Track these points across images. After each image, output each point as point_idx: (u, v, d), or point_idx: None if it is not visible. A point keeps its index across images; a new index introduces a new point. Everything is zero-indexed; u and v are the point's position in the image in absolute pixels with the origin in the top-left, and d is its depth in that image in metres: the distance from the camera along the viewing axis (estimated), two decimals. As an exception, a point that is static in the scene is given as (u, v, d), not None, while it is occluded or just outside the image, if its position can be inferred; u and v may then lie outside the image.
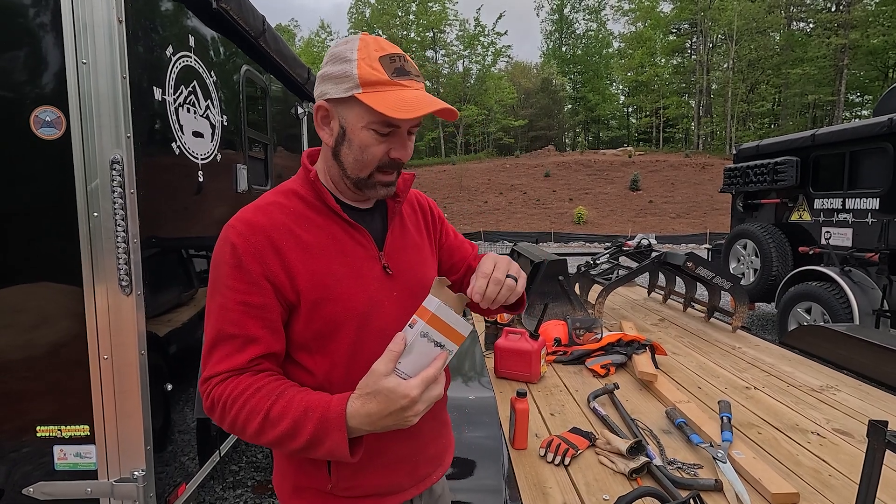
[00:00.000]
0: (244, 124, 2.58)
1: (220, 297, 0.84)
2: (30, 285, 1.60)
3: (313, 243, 0.88)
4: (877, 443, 1.29)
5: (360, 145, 0.87)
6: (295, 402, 0.78)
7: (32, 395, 1.63)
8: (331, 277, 0.88)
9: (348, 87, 0.83)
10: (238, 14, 2.25)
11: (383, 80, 0.82)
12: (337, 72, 0.85)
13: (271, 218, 0.87)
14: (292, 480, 0.95)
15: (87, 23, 1.50)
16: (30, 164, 1.55)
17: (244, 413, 0.79)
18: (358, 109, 0.84)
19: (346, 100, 0.85)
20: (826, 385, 2.72)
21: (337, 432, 0.75)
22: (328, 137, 0.90)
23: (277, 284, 0.85)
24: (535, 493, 1.71)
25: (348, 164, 0.89)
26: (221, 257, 0.85)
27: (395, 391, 0.74)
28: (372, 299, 0.91)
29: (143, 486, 1.64)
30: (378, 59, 0.83)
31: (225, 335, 0.84)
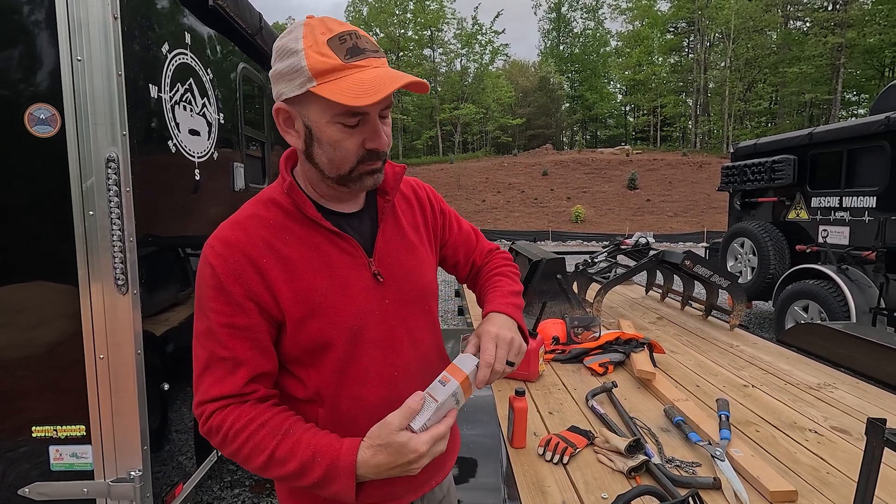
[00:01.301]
0: (241, 122, 2.56)
1: (206, 319, 0.82)
2: (25, 284, 1.59)
3: (294, 258, 0.84)
4: (875, 440, 1.29)
5: (331, 142, 0.80)
6: (303, 444, 0.77)
7: (28, 394, 1.62)
8: (315, 292, 0.84)
9: (301, 81, 0.76)
10: (234, 11, 2.24)
11: (336, 65, 0.74)
12: (286, 67, 0.77)
13: (249, 234, 0.83)
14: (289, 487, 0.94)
15: (82, 19, 1.49)
16: (24, 163, 1.54)
17: (248, 448, 0.78)
18: (318, 104, 0.78)
19: (302, 97, 0.78)
20: (824, 383, 2.73)
21: (345, 479, 0.75)
22: (296, 140, 0.84)
23: (261, 303, 0.82)
24: (533, 491, 1.70)
25: (324, 164, 0.83)
26: (203, 279, 0.83)
27: (406, 446, 0.74)
28: (361, 311, 0.88)
29: (139, 486, 1.63)
30: (326, 43, 0.75)
31: (215, 358, 0.81)
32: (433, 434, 0.76)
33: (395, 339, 0.92)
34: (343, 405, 0.88)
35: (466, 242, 1.17)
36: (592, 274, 4.51)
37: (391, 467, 0.75)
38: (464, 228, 1.18)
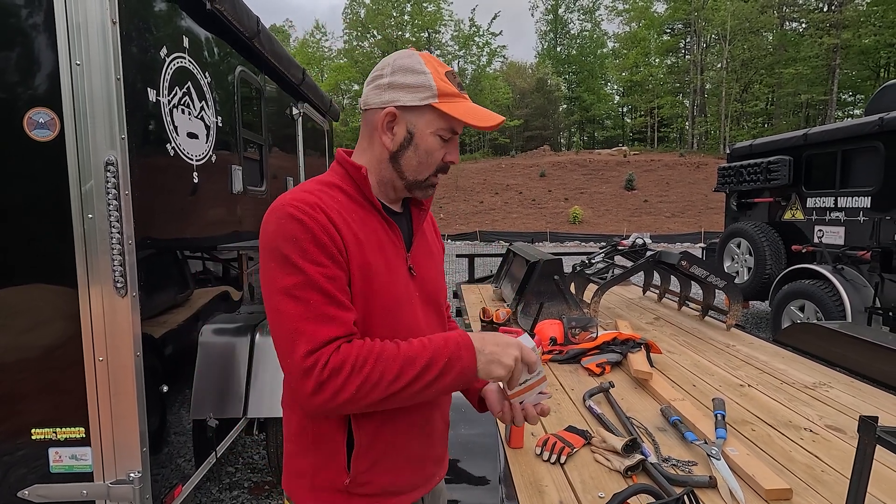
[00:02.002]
0: (239, 125, 2.58)
1: (300, 271, 0.83)
2: (25, 287, 1.60)
3: (359, 232, 0.92)
4: (867, 438, 1.31)
5: (426, 150, 0.94)
6: (423, 343, 0.87)
7: (27, 397, 1.63)
8: (372, 269, 0.91)
9: (425, 96, 0.91)
10: (232, 15, 2.25)
11: (454, 92, 0.92)
12: (412, 82, 0.91)
13: (324, 201, 0.90)
14: (310, 480, 0.96)
15: (81, 24, 1.50)
16: (23, 166, 1.55)
17: (379, 367, 0.82)
18: (429, 116, 0.93)
19: (418, 108, 0.92)
20: (819, 382, 2.74)
21: (469, 351, 0.87)
22: (389, 142, 0.95)
23: (343, 260, 0.88)
24: (531, 491, 1.71)
25: (410, 167, 0.96)
26: (289, 234, 0.84)
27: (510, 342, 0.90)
28: (401, 295, 0.96)
29: (139, 487, 1.64)
30: (445, 74, 0.93)
31: (318, 304, 0.83)
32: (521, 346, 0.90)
33: (419, 329, 0.99)
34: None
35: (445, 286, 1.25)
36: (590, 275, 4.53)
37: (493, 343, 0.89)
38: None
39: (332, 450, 0.94)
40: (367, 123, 0.98)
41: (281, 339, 0.84)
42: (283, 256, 0.84)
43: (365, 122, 0.98)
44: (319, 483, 0.95)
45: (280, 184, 3.37)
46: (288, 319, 0.83)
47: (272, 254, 0.85)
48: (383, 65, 0.95)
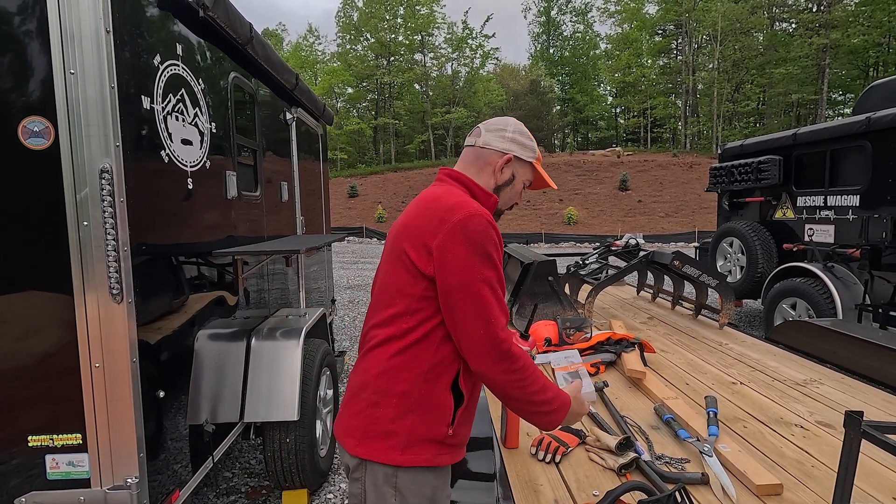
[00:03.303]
0: (233, 131, 2.59)
1: (495, 267, 1.13)
2: (21, 294, 1.60)
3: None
4: (853, 433, 1.34)
5: (517, 192, 1.35)
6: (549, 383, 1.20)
7: (24, 404, 1.63)
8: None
9: (530, 155, 1.33)
10: (225, 22, 2.27)
11: (540, 158, 1.35)
12: (526, 143, 1.32)
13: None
14: (407, 435, 1.12)
15: (75, 33, 1.52)
16: (19, 175, 1.55)
17: (532, 377, 1.15)
18: (526, 170, 1.34)
19: (525, 162, 1.32)
20: (810, 379, 2.78)
21: (566, 411, 1.22)
22: (499, 178, 1.30)
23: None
24: (526, 490, 1.73)
25: (503, 199, 1.33)
26: (490, 236, 1.13)
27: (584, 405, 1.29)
28: None
29: (136, 493, 1.64)
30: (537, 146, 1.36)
31: (501, 299, 1.14)
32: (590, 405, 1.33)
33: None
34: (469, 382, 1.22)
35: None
36: (584, 275, 4.56)
37: (575, 414, 1.25)
38: None
39: (439, 407, 1.14)
40: (480, 157, 1.30)
41: (477, 315, 1.09)
42: (487, 254, 1.11)
43: (477, 156, 1.30)
44: (418, 437, 1.13)
45: (275, 188, 3.38)
46: (486, 302, 1.10)
47: (478, 248, 1.10)
48: (506, 123, 1.31)
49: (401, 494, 1.12)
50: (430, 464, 1.14)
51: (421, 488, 1.14)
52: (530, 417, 1.18)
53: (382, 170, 41.09)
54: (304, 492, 2.72)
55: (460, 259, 1.09)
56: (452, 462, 1.21)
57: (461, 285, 1.09)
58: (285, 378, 2.36)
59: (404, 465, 1.12)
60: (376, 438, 1.13)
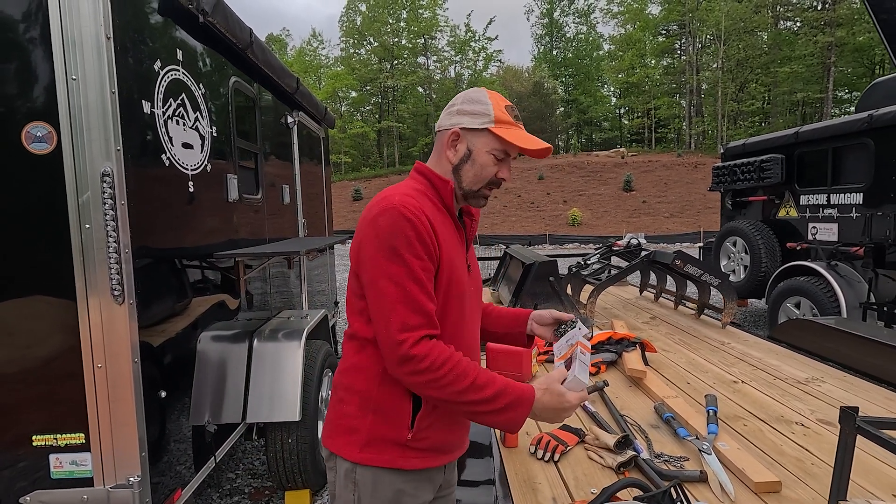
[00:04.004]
0: (233, 135, 2.62)
1: (405, 262, 1.03)
2: (24, 296, 1.63)
3: (442, 234, 1.11)
4: (848, 428, 1.34)
5: (482, 165, 1.15)
6: (495, 378, 1.05)
7: (28, 404, 1.66)
8: (452, 263, 1.12)
9: (483, 121, 1.13)
10: (225, 27, 2.30)
11: (510, 121, 1.14)
12: (474, 109, 1.14)
13: (424, 206, 1.09)
14: (367, 433, 1.11)
15: (77, 40, 1.55)
16: (22, 179, 1.59)
17: (453, 374, 1.01)
18: (486, 138, 1.14)
19: (478, 130, 1.14)
20: (812, 377, 2.77)
21: (525, 408, 1.04)
22: (453, 156, 1.16)
23: (436, 254, 1.08)
24: (525, 489, 1.74)
25: (467, 178, 1.17)
26: (401, 230, 1.04)
27: (563, 396, 1.07)
28: (465, 287, 1.18)
29: (138, 492, 1.66)
30: (504, 107, 1.14)
31: (413, 293, 1.03)
32: (582, 395, 1.10)
33: (474, 318, 1.25)
34: None
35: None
36: (585, 276, 4.56)
37: (551, 408, 1.06)
38: None
39: (397, 410, 1.10)
40: (437, 142, 1.20)
41: (380, 314, 1.04)
42: (393, 248, 1.03)
43: (436, 142, 1.21)
44: (377, 437, 1.10)
45: (276, 191, 3.41)
46: (389, 300, 1.03)
47: (383, 244, 1.04)
48: (456, 97, 1.19)
49: (359, 490, 1.12)
50: (391, 465, 1.11)
51: (380, 489, 1.12)
52: (475, 418, 1.07)
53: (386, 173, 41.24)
54: (306, 492, 2.74)
55: (368, 256, 1.06)
56: (425, 466, 1.14)
57: (368, 283, 1.06)
58: (287, 379, 2.38)
59: (362, 463, 1.11)
60: (341, 433, 1.14)
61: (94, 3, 1.54)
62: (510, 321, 1.39)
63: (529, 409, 1.04)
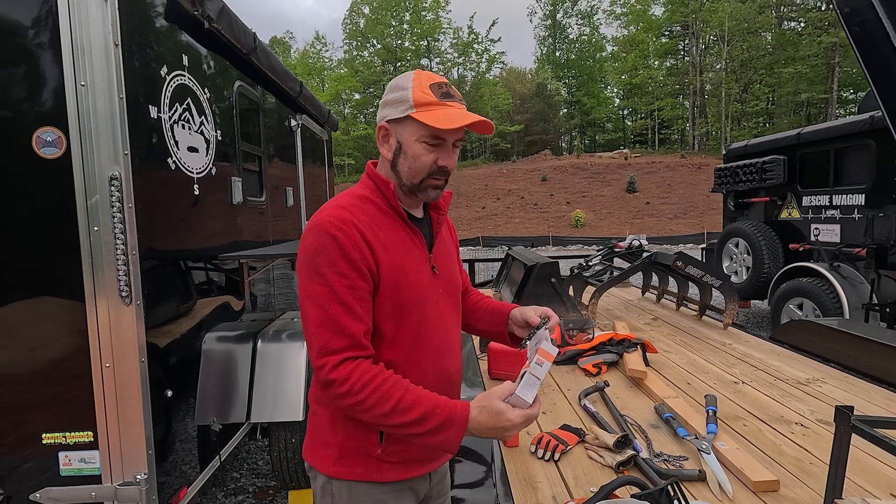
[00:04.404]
0: (238, 138, 2.65)
1: (327, 282, 0.98)
2: (34, 297, 1.67)
3: (388, 241, 1.06)
4: (843, 427, 1.36)
5: (414, 156, 1.05)
6: (424, 398, 0.97)
7: (37, 403, 1.69)
8: (401, 269, 1.06)
9: (404, 108, 1.03)
10: (230, 33, 2.34)
11: (432, 101, 1.02)
12: (395, 97, 1.05)
13: (356, 215, 1.04)
14: (338, 448, 1.08)
15: (85, 47, 1.59)
16: (33, 183, 1.63)
17: (375, 397, 0.96)
18: (412, 126, 1.04)
19: (402, 119, 1.04)
20: (812, 378, 2.78)
21: (457, 429, 0.96)
22: (387, 152, 1.09)
23: (371, 271, 1.02)
24: (525, 487, 1.76)
25: (404, 172, 1.08)
26: (323, 248, 0.99)
27: (502, 414, 0.96)
28: (427, 291, 1.11)
29: (145, 489, 1.70)
30: (428, 86, 1.03)
31: (335, 314, 0.98)
32: (527, 413, 0.97)
33: (445, 319, 1.17)
34: (409, 371, 1.06)
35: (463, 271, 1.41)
36: (587, 277, 4.57)
37: (489, 427, 0.96)
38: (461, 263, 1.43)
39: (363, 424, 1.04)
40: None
41: (306, 337, 1.00)
42: (316, 267, 0.99)
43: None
44: (349, 451, 1.08)
45: (280, 194, 3.44)
46: (311, 322, 0.99)
47: (308, 264, 1.00)
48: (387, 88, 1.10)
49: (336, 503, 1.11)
50: (365, 478, 1.09)
51: (357, 501, 1.10)
52: (410, 440, 1.01)
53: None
54: (309, 491, 2.76)
55: (298, 276, 1.03)
56: (403, 477, 1.11)
57: (299, 304, 1.03)
58: (291, 379, 2.41)
59: (336, 478, 1.09)
60: (316, 446, 1.12)
61: (103, 11, 1.58)
62: (493, 318, 1.33)
63: (462, 429, 0.96)
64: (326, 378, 0.96)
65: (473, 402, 0.99)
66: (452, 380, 1.18)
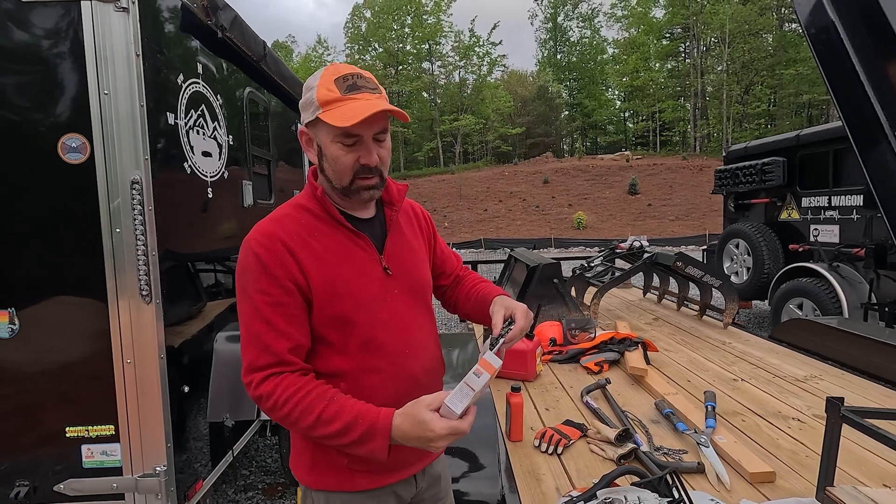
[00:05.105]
0: (248, 142, 2.73)
1: (251, 300, 0.98)
2: (60, 296, 1.75)
3: (322, 250, 1.02)
4: (833, 417, 1.42)
5: (333, 157, 1.00)
6: (346, 408, 0.94)
7: (61, 398, 1.76)
8: (339, 279, 1.02)
9: (313, 110, 0.98)
10: (241, 41, 2.41)
11: (336, 97, 0.96)
12: (306, 99, 1.00)
13: (286, 228, 1.01)
14: (309, 458, 1.07)
15: (108, 57, 1.66)
16: (58, 187, 1.70)
17: (297, 411, 0.94)
18: (324, 128, 0.98)
19: (314, 122, 0.99)
20: (810, 375, 2.84)
21: (381, 438, 0.92)
22: (313, 157, 1.05)
23: (298, 284, 0.99)
24: (529, 479, 1.82)
25: (330, 175, 1.03)
26: (247, 266, 0.98)
27: (425, 423, 0.89)
28: (375, 297, 1.06)
29: (164, 480, 1.76)
30: (333, 81, 0.97)
31: (260, 332, 0.97)
32: (452, 425, 0.89)
33: (404, 322, 1.10)
34: (365, 379, 1.04)
35: (450, 259, 1.38)
36: (589, 278, 4.63)
37: (411, 437, 0.91)
38: (447, 248, 1.39)
39: None
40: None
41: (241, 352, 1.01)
42: (242, 286, 0.99)
43: None
44: (319, 461, 1.06)
45: (287, 196, 3.52)
46: (242, 340, 1.00)
47: (237, 281, 1.01)
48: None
49: None
50: (340, 488, 1.07)
51: None
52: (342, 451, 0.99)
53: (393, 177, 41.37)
54: (318, 487, 2.83)
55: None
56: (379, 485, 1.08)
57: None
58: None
59: (311, 487, 1.09)
60: (294, 455, 1.13)
61: (125, 23, 1.66)
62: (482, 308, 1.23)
63: (387, 438, 0.92)
64: (253, 394, 0.96)
65: (400, 409, 0.93)
66: (420, 382, 1.10)
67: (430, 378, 1.17)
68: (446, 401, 0.90)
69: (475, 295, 1.30)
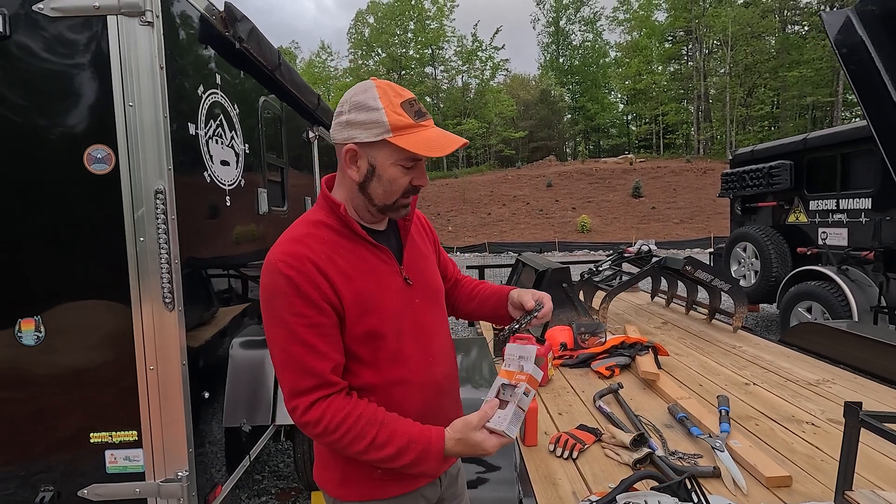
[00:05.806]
0: (263, 150, 2.77)
1: (286, 324, 0.96)
2: (85, 302, 1.78)
3: (347, 266, 1.02)
4: (852, 422, 1.43)
5: (390, 179, 1.02)
6: (398, 433, 0.98)
7: (86, 404, 1.79)
8: (367, 294, 1.03)
9: (378, 132, 0.97)
10: (258, 52, 2.45)
11: (409, 123, 0.98)
12: (365, 119, 0.98)
13: (311, 248, 1.00)
14: (340, 472, 1.09)
15: (133, 70, 1.70)
16: (84, 197, 1.74)
17: (349, 437, 0.96)
18: (387, 150, 0.99)
19: (375, 143, 0.99)
20: (822, 379, 2.84)
21: (435, 461, 0.99)
22: (355, 175, 1.03)
23: (332, 303, 0.99)
24: (545, 484, 1.84)
25: (377, 195, 1.04)
26: (277, 289, 0.97)
27: (479, 445, 0.96)
28: (399, 309, 1.08)
29: (186, 485, 1.79)
30: (400, 105, 0.98)
31: (298, 356, 0.96)
32: (502, 441, 0.96)
33: (426, 330, 1.13)
34: (393, 391, 1.06)
35: (448, 263, 1.42)
36: (598, 282, 4.65)
37: (465, 454, 0.99)
38: (444, 253, 1.43)
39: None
40: (338, 155, 1.05)
41: (278, 378, 1.02)
42: (274, 310, 0.97)
43: (337, 154, 1.06)
44: (350, 476, 1.08)
45: (299, 203, 3.55)
46: (277, 366, 0.99)
47: (266, 306, 0.99)
48: (343, 101, 1.02)
49: None
50: (369, 498, 1.09)
51: None
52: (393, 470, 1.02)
53: (396, 182, 41.42)
54: (332, 492, 2.84)
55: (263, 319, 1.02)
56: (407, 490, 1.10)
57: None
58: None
59: (341, 499, 1.11)
60: (322, 468, 1.14)
61: (150, 36, 1.70)
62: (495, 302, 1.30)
63: (440, 459, 0.98)
64: (300, 420, 0.97)
65: (450, 430, 0.99)
66: (443, 388, 1.15)
67: (451, 382, 1.22)
68: (505, 428, 0.95)
69: (479, 294, 1.35)
